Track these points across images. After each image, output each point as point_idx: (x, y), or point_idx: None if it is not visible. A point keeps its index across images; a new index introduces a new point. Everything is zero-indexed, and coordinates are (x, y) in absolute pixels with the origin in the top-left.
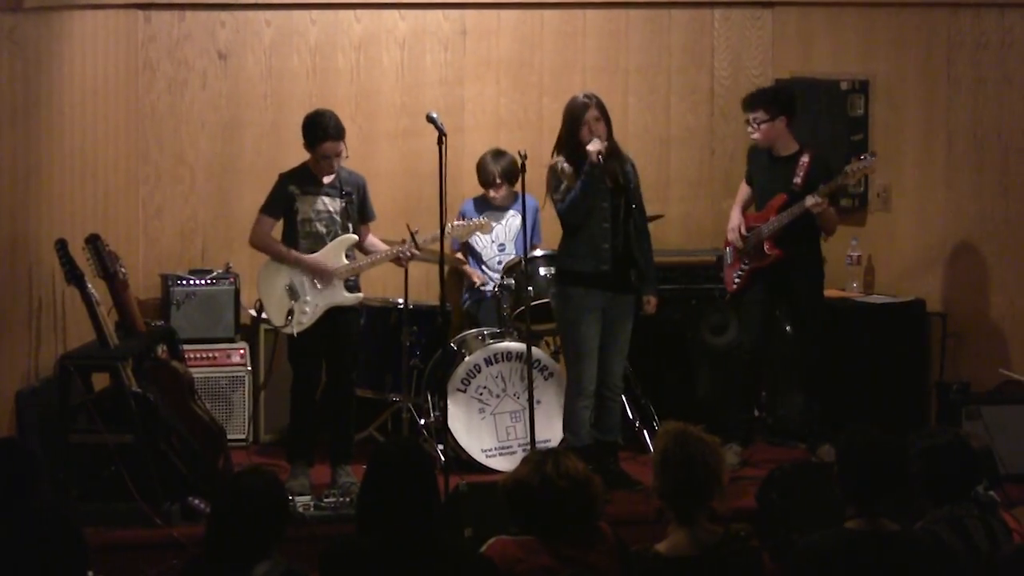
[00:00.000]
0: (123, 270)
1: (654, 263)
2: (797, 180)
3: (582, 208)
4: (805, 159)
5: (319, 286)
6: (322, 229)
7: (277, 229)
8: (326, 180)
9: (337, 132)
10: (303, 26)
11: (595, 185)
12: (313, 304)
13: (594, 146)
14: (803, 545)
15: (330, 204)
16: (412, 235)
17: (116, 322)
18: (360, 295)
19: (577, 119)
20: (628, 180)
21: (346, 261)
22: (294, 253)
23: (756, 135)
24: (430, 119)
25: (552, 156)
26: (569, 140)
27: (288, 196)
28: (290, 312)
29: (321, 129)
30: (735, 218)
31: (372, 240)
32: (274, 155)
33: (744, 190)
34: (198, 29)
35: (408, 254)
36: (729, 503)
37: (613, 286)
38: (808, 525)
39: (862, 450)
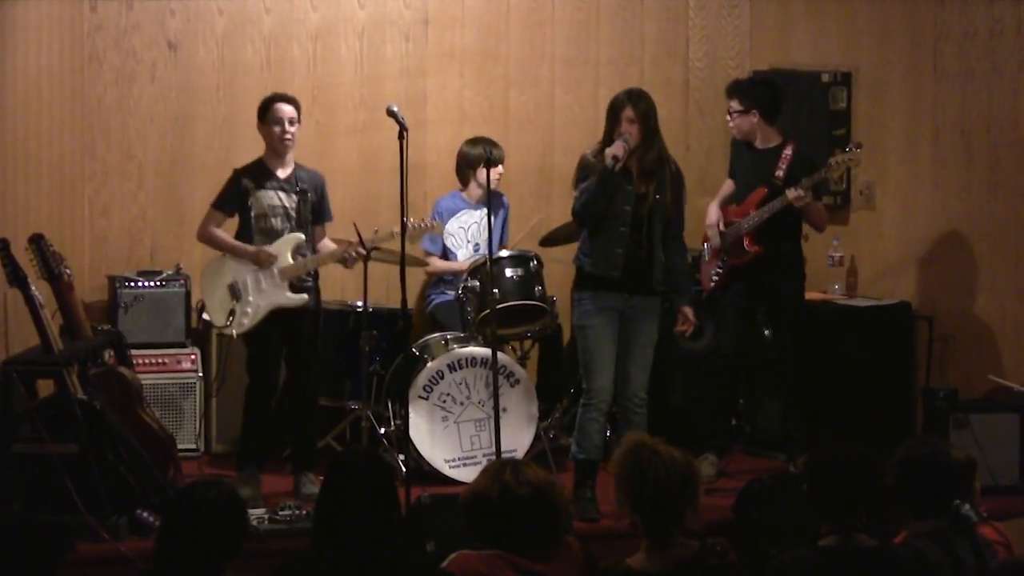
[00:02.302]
0: (68, 271)
1: (689, 275)
2: (779, 173)
3: (594, 211)
4: (788, 152)
5: (263, 285)
6: (278, 225)
7: (232, 227)
8: (282, 175)
9: (289, 97)
10: (257, 15)
11: (611, 189)
12: (255, 305)
13: (611, 150)
14: (776, 563)
15: (285, 199)
16: (359, 236)
17: (61, 326)
18: (304, 296)
19: (615, 115)
20: (659, 188)
21: (291, 261)
22: (241, 245)
23: (731, 124)
24: (390, 113)
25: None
26: (606, 136)
27: (242, 191)
28: (231, 312)
29: (272, 94)
30: (713, 214)
31: (325, 242)
32: (227, 150)
33: (728, 185)
34: (147, 18)
35: (354, 254)
36: (704, 516)
37: (629, 288)
38: (787, 539)
39: (829, 465)
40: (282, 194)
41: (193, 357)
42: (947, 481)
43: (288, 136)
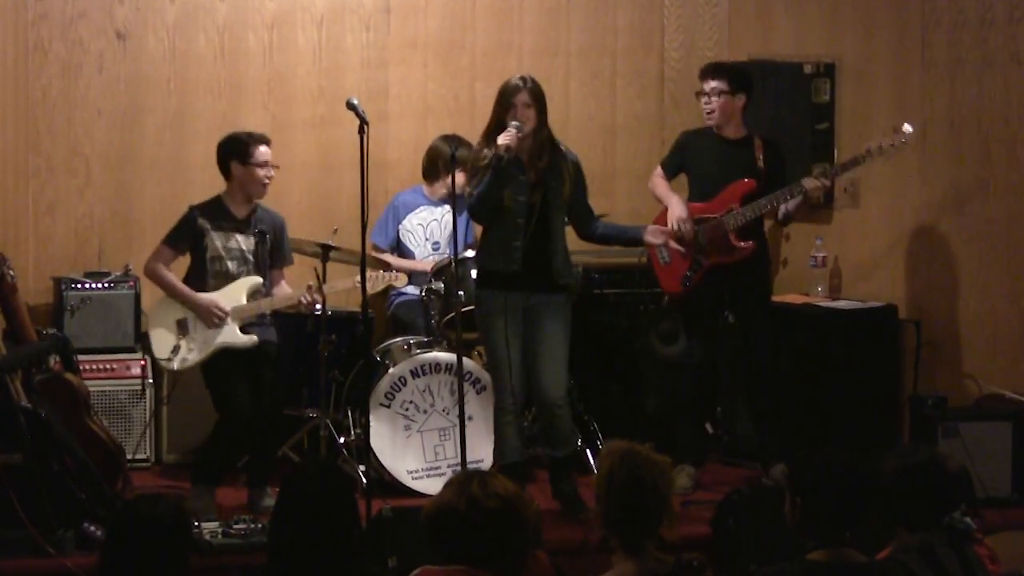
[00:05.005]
0: (11, 272)
1: (568, 261)
2: (760, 165)
3: (488, 204)
4: (758, 143)
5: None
6: (233, 268)
7: (183, 266)
8: (239, 215)
9: (268, 139)
10: (210, 2)
11: (505, 180)
12: (201, 342)
13: (503, 139)
14: None
15: (243, 242)
16: (318, 279)
17: (3, 330)
18: (253, 338)
19: (505, 102)
20: (553, 176)
21: (245, 302)
22: (187, 291)
23: (711, 107)
24: (350, 106)
25: (479, 143)
26: (495, 125)
27: (197, 230)
28: (175, 348)
29: (247, 136)
30: (680, 209)
31: (283, 287)
32: (178, 145)
33: (665, 182)
34: (94, 7)
35: (308, 299)
36: (680, 530)
37: (530, 286)
38: (767, 554)
39: (826, 479)
40: (239, 236)
41: (143, 363)
42: (946, 491)
43: (268, 181)
